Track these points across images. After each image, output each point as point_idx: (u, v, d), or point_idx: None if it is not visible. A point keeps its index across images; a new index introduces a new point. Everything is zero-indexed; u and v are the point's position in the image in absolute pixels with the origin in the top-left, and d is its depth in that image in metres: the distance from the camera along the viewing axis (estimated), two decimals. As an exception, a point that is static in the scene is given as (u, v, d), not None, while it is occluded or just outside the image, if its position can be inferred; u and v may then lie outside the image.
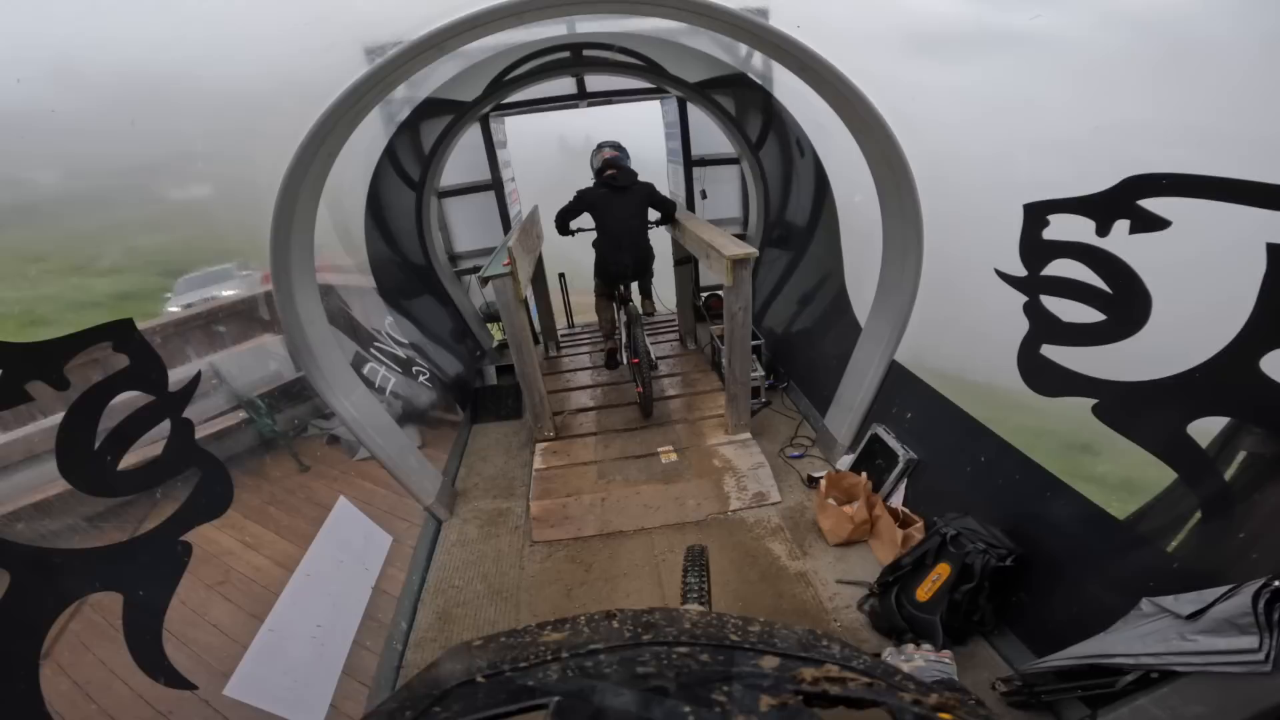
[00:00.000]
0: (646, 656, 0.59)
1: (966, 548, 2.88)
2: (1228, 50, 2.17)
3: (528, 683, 0.57)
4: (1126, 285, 2.47)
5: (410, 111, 5.34)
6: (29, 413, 2.14)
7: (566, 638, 0.64)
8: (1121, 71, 2.48)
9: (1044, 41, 2.75)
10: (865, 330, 4.43)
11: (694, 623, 0.66)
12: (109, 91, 2.64)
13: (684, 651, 0.59)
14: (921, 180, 3.63)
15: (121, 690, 2.09)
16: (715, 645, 0.61)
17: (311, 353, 3.67)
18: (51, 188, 2.67)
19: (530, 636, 0.66)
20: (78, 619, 2.04)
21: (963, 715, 0.53)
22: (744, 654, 0.59)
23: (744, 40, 3.77)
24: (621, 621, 0.67)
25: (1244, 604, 1.78)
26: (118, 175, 2.90)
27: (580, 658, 0.59)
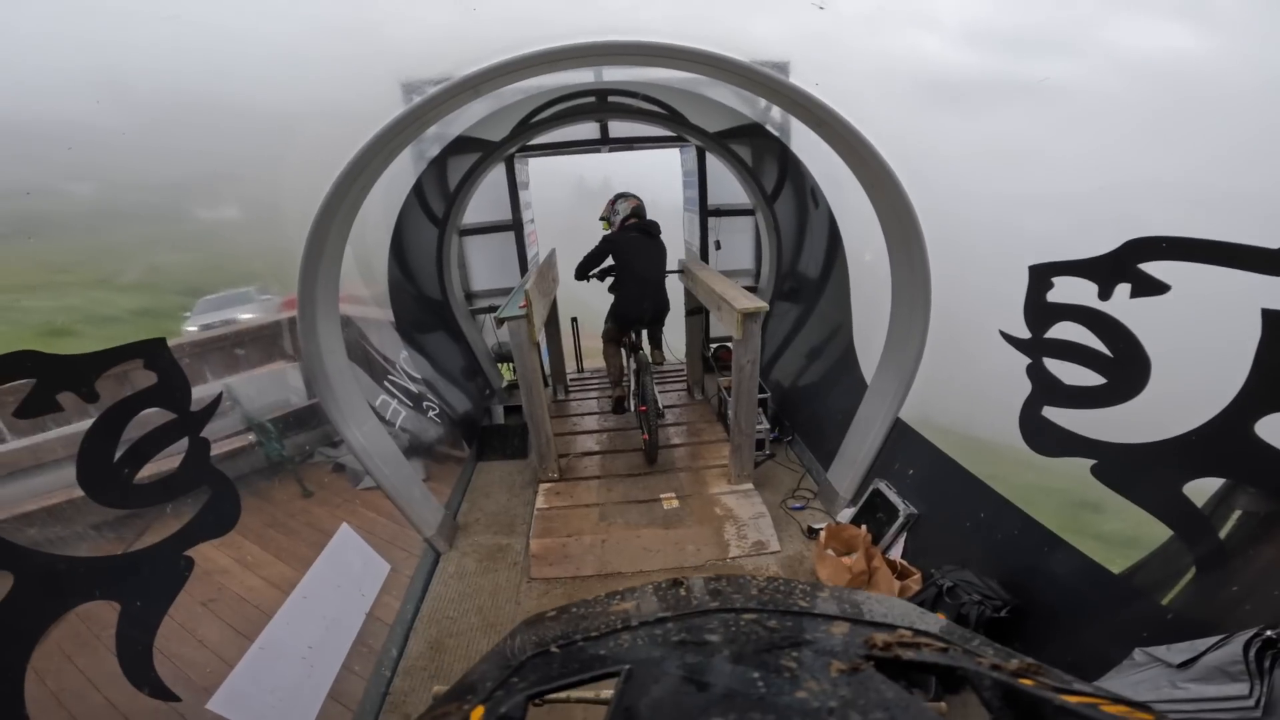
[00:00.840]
0: (714, 624, 0.59)
1: (962, 599, 2.88)
2: (1235, 105, 2.22)
3: (600, 651, 0.58)
4: (1127, 349, 2.52)
5: (440, 149, 5.52)
6: (43, 420, 2.21)
7: (635, 607, 0.65)
8: (1130, 126, 2.54)
9: (1054, 95, 2.81)
10: (871, 387, 4.46)
11: (761, 589, 0.67)
12: (152, 108, 2.71)
13: (751, 618, 0.60)
14: (931, 237, 3.70)
15: (96, 700, 2.08)
16: (783, 611, 0.61)
17: (328, 382, 3.76)
18: (86, 200, 2.71)
19: (601, 607, 0.67)
20: (61, 627, 2.04)
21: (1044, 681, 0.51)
22: (812, 620, 0.59)
23: (762, 95, 3.89)
24: (689, 589, 0.67)
25: (1235, 652, 1.79)
26: (150, 191, 2.94)
27: (649, 626, 0.60)
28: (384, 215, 5.30)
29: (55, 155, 2.45)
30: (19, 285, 2.44)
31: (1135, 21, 2.60)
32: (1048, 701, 0.47)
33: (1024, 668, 0.52)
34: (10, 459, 2.21)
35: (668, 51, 3.37)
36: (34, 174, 2.41)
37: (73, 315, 2.47)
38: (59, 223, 2.57)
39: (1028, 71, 2.96)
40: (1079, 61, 2.76)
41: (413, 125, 3.52)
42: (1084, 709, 0.45)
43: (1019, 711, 0.48)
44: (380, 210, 5.16)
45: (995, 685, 0.50)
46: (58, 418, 2.20)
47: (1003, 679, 0.50)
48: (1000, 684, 0.50)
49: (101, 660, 2.12)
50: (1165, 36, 2.46)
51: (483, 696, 0.56)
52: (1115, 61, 2.62)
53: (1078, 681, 0.51)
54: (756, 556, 4.25)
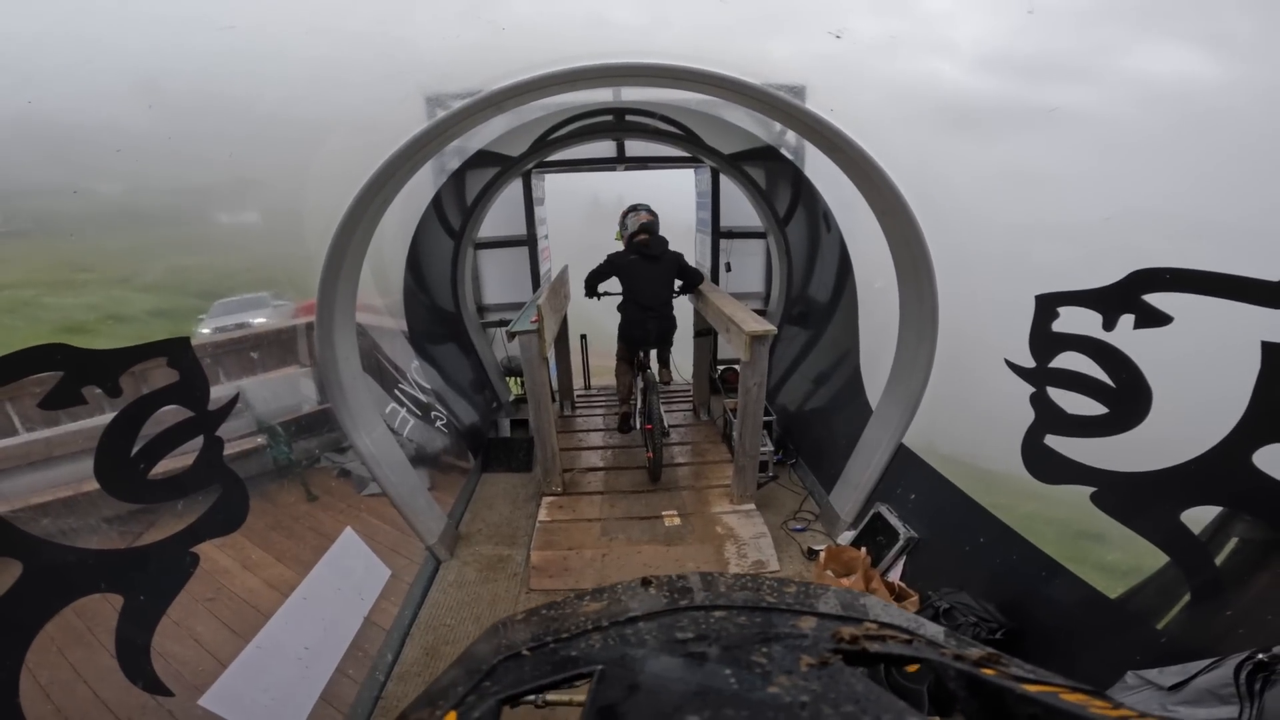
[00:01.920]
0: (685, 622, 0.60)
1: (958, 621, 2.88)
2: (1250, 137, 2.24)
3: (571, 653, 0.59)
4: (1130, 380, 2.54)
5: (460, 163, 5.61)
6: (58, 414, 2.26)
7: (606, 607, 0.66)
8: (1142, 157, 2.56)
9: (1066, 123, 2.84)
10: (876, 413, 4.48)
11: (729, 585, 0.68)
12: (182, 113, 2.77)
13: (721, 615, 0.60)
14: (940, 265, 3.73)
15: (84, 694, 2.10)
16: (752, 608, 0.62)
17: (341, 388, 3.81)
18: (110, 200, 2.77)
19: (571, 608, 0.68)
20: (55, 621, 2.06)
21: (1006, 671, 0.52)
22: (782, 615, 0.60)
23: (777, 119, 3.95)
24: (658, 588, 0.69)
25: (1226, 675, 1.80)
26: (173, 194, 3.01)
27: (620, 626, 0.61)
28: (402, 226, 5.38)
29: (88, 157, 2.52)
30: (41, 282, 2.51)
31: (1156, 50, 2.61)
32: (1010, 690, 0.49)
33: (985, 657, 0.54)
34: (27, 451, 2.28)
35: (684, 74, 3.44)
36: (68, 174, 2.48)
37: (92, 314, 2.54)
38: (84, 222, 2.62)
39: (1042, 99, 2.99)
40: (1095, 90, 2.79)
41: (437, 139, 3.59)
42: (1044, 697, 0.47)
43: (983, 701, 0.49)
44: (399, 221, 5.24)
45: (959, 675, 0.51)
46: (72, 412, 2.26)
47: (965, 669, 0.52)
48: (964, 674, 0.52)
49: (93, 655, 2.14)
50: (1184, 65, 2.48)
51: (454, 702, 0.57)
52: (1132, 91, 2.65)
53: (1039, 671, 0.53)
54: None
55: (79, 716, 2.05)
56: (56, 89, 2.39)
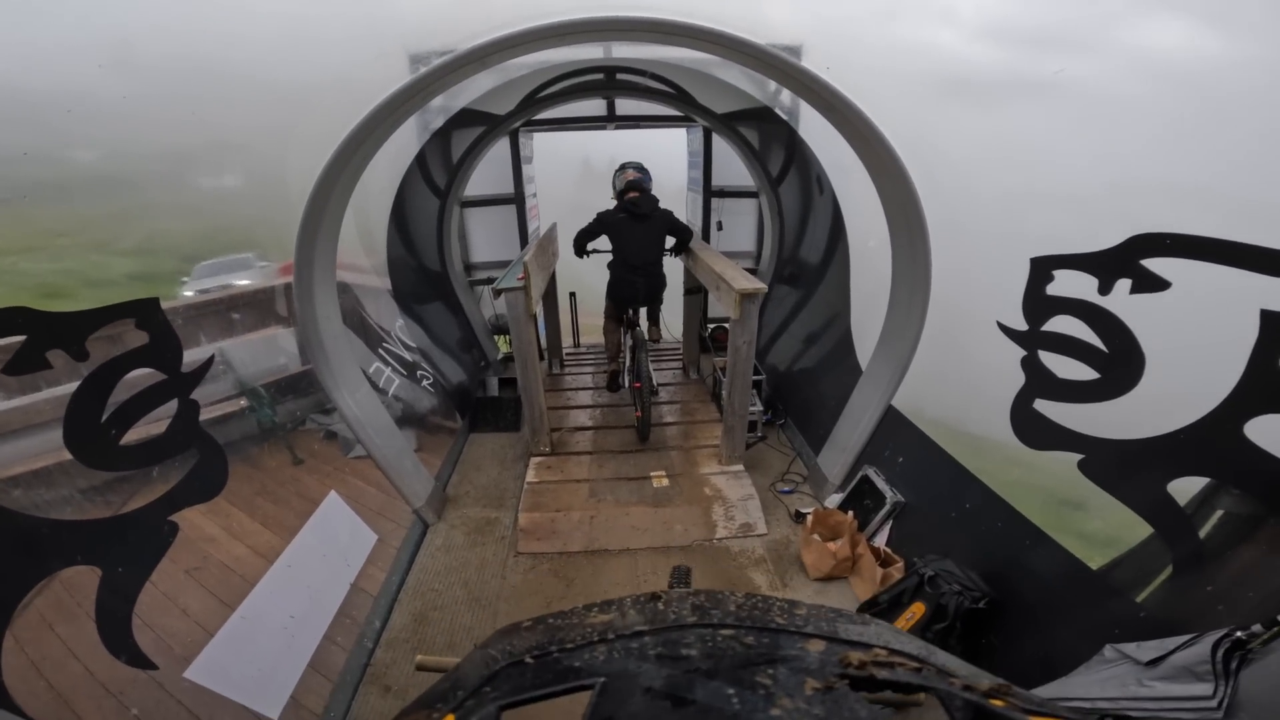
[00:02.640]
0: (691, 639, 0.59)
1: (942, 589, 2.89)
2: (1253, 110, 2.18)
3: (574, 664, 0.58)
4: (1123, 345, 2.51)
5: (445, 120, 5.46)
6: (34, 381, 2.19)
7: (613, 619, 0.65)
8: (1144, 127, 2.50)
9: (1067, 93, 2.78)
10: (866, 374, 4.45)
11: (739, 605, 0.66)
12: (157, 78, 2.68)
13: (729, 634, 0.59)
14: (934, 227, 3.67)
15: (76, 669, 2.08)
16: (760, 628, 0.60)
17: (323, 348, 3.74)
18: (87, 167, 2.69)
19: (577, 618, 0.67)
20: (44, 596, 2.04)
21: (1015, 702, 0.51)
22: (789, 637, 0.59)
23: (773, 77, 3.83)
24: (667, 603, 0.67)
25: (1203, 653, 1.80)
26: (152, 160, 2.92)
27: (626, 639, 0.60)
28: (386, 184, 5.26)
29: (59, 121, 2.43)
30: (17, 248, 2.43)
31: (1160, 22, 2.54)
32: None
33: (995, 688, 0.53)
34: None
35: (678, 29, 3.30)
36: (37, 139, 2.39)
37: (70, 279, 2.48)
38: (59, 188, 2.55)
39: (1043, 68, 2.93)
40: (1098, 60, 2.72)
41: (417, 96, 3.46)
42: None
43: None
44: (383, 180, 5.13)
45: (966, 705, 0.50)
46: (48, 379, 2.19)
47: (974, 699, 0.51)
48: (971, 704, 0.50)
49: (83, 629, 2.11)
50: (1188, 39, 2.42)
51: (453, 705, 0.57)
52: (1135, 62, 2.58)
53: (1048, 703, 0.51)
54: (743, 538, 4.28)
55: (71, 692, 2.04)
56: (21, 54, 2.32)
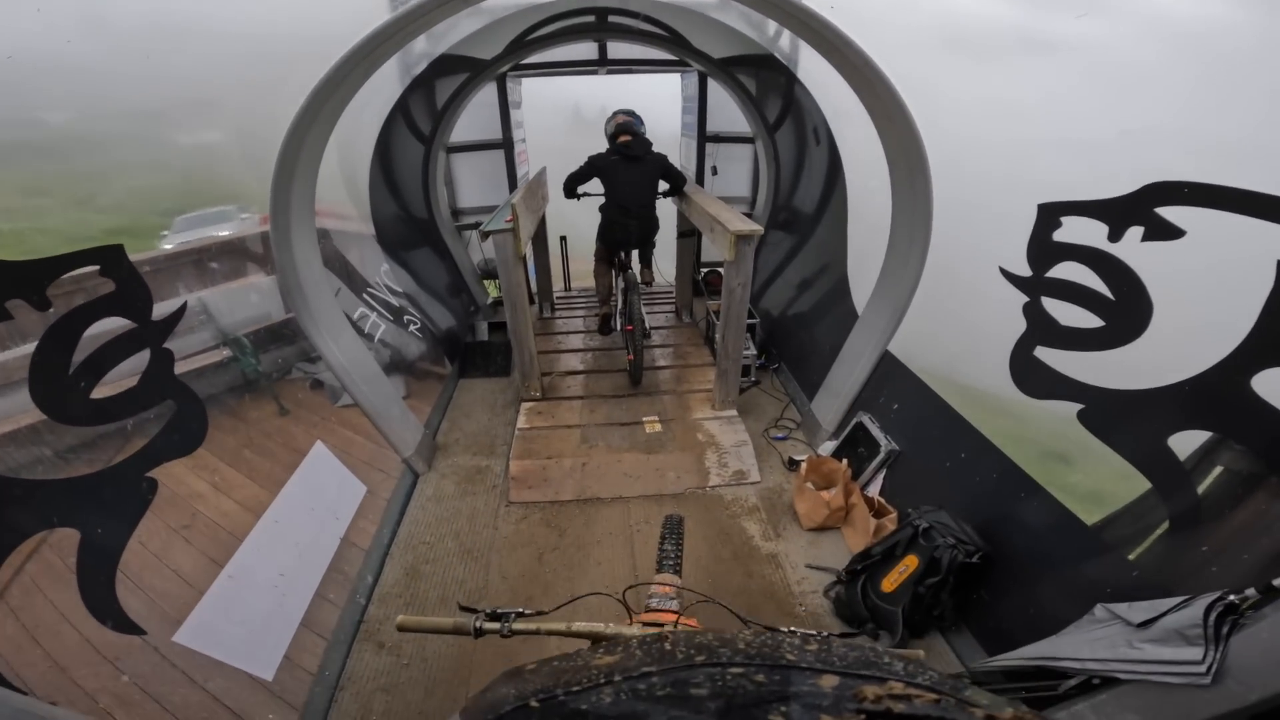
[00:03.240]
0: (700, 678, 0.58)
1: (936, 542, 2.87)
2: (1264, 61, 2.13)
3: (581, 706, 0.56)
4: (1131, 293, 2.43)
5: (427, 65, 5.24)
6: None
7: (619, 660, 0.63)
8: (1153, 78, 2.45)
9: (1080, 45, 2.73)
10: (862, 318, 4.39)
11: (748, 643, 0.65)
12: (128, 35, 2.68)
13: (738, 672, 0.58)
14: (937, 171, 3.55)
15: (70, 635, 2.05)
16: (771, 665, 0.59)
17: (303, 293, 3.63)
18: (62, 127, 2.68)
19: (582, 660, 0.66)
20: (34, 560, 2.00)
21: None
22: (801, 673, 0.58)
23: (776, 18, 3.67)
24: (674, 643, 0.66)
25: (1195, 616, 1.77)
26: (127, 117, 2.92)
27: (633, 680, 0.58)
28: (368, 130, 5.10)
29: (29, 85, 2.41)
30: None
31: None
32: None
33: (1019, 717, 0.51)
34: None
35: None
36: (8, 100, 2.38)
37: (49, 237, 2.43)
38: (35, 148, 2.56)
39: (1051, 23, 2.89)
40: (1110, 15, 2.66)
41: (396, 36, 3.27)
42: None
43: None
44: (364, 125, 4.96)
45: None
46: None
47: None
48: None
49: (74, 595, 2.07)
50: None
51: None
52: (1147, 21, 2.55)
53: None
54: (736, 486, 4.27)
55: (67, 658, 2.01)
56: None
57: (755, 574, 3.52)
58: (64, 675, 2.00)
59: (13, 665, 1.84)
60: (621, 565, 3.60)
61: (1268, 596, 1.70)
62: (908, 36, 3.45)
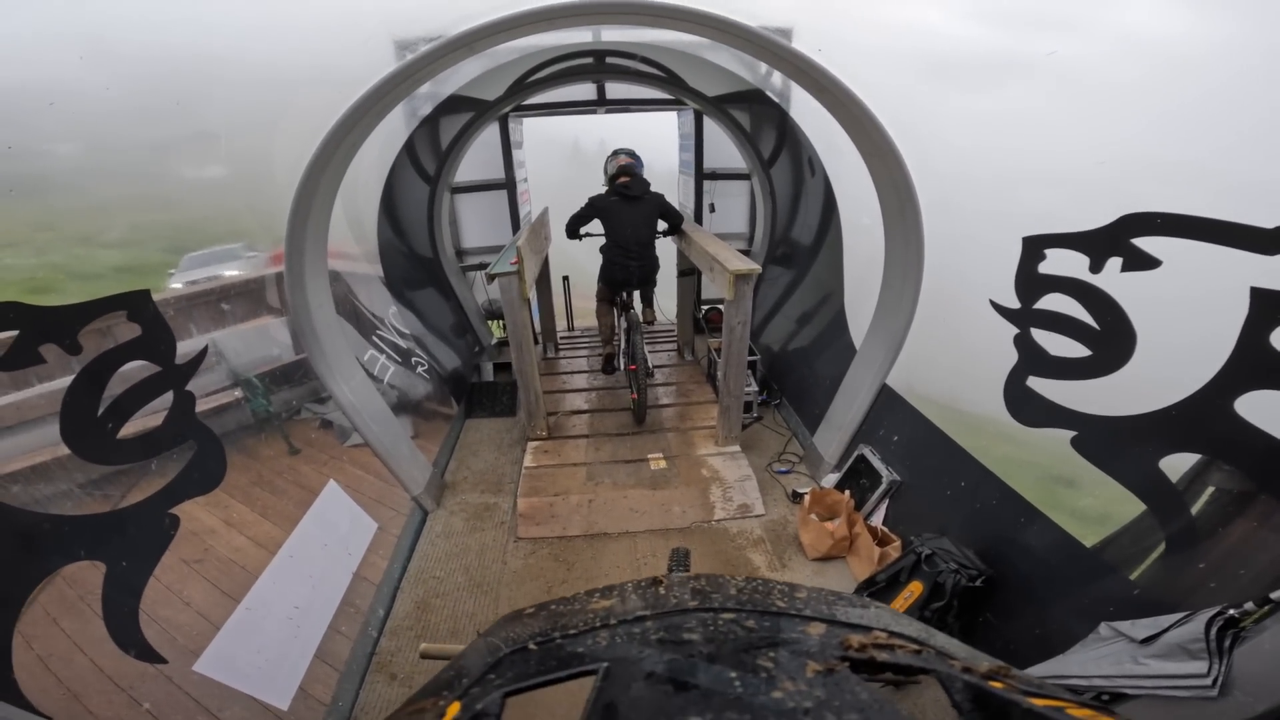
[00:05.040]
0: (693, 623, 0.60)
1: (940, 567, 2.92)
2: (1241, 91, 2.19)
3: (577, 649, 0.58)
4: (1114, 323, 2.52)
5: (433, 107, 5.41)
6: (25, 377, 2.18)
7: (614, 605, 0.66)
8: (1130, 105, 2.52)
9: (1057, 74, 2.78)
10: (860, 353, 4.47)
11: (739, 589, 0.67)
12: (136, 68, 2.67)
13: (730, 618, 0.60)
14: (927, 207, 3.67)
15: (83, 664, 2.08)
16: (761, 611, 0.61)
17: (316, 336, 3.72)
18: (69, 160, 2.67)
19: (580, 604, 0.68)
20: (48, 591, 2.04)
21: (1014, 684, 0.52)
22: (790, 620, 0.60)
23: (765, 60, 3.80)
24: (668, 588, 0.68)
25: (1197, 630, 1.82)
26: (135, 151, 2.91)
27: (628, 624, 0.60)
28: (376, 172, 5.23)
29: (35, 118, 2.40)
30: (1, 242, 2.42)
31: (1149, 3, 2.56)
32: (1016, 704, 0.49)
33: (994, 670, 0.54)
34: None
35: (667, 11, 3.27)
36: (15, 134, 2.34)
37: (55, 273, 2.45)
38: (41, 182, 2.53)
39: (1034, 48, 2.92)
40: (1087, 40, 2.72)
41: (404, 83, 3.42)
42: (1050, 712, 0.47)
43: (988, 714, 0.49)
44: (372, 167, 5.09)
45: (966, 687, 0.51)
46: (43, 373, 2.18)
47: (973, 681, 0.52)
48: (971, 686, 0.51)
49: (89, 624, 2.11)
50: (1177, 20, 2.43)
51: (459, 693, 0.57)
52: (1125, 42, 2.59)
53: (1046, 685, 0.53)
54: (741, 519, 4.31)
55: (80, 686, 2.04)
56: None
57: (762, 605, 3.53)
58: (79, 703, 2.02)
59: (26, 692, 1.86)
60: (629, 599, 3.60)
61: (1266, 610, 1.75)
62: (892, 69, 3.52)
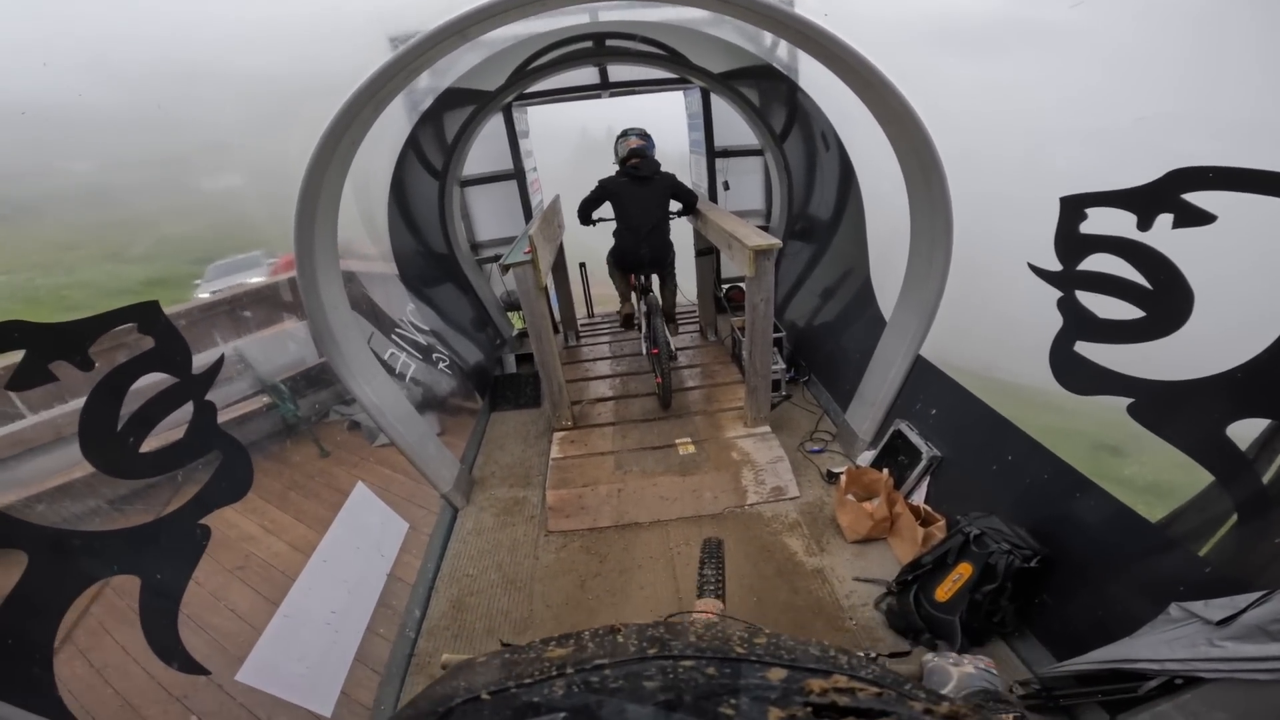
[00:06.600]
0: (652, 671, 0.59)
1: (990, 548, 2.81)
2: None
3: (533, 699, 0.57)
4: (1168, 281, 2.38)
5: (433, 100, 5.33)
6: (46, 396, 2.15)
7: (571, 653, 0.65)
8: (1161, 63, 2.38)
9: (1081, 33, 2.66)
10: (890, 324, 4.35)
11: (699, 635, 0.67)
12: (142, 84, 2.71)
13: (690, 665, 0.60)
14: (952, 171, 3.52)
15: (138, 674, 2.10)
16: (721, 658, 0.61)
17: (333, 338, 3.68)
18: (87, 177, 2.71)
19: (535, 653, 0.67)
20: (98, 602, 2.05)
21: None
22: (750, 666, 0.59)
23: (770, 29, 3.69)
24: (626, 636, 0.67)
25: (1277, 610, 1.72)
26: (151, 166, 2.95)
27: (586, 673, 0.59)
28: (382, 170, 5.19)
29: (50, 136, 2.43)
30: (30, 264, 2.48)
31: None
32: None
33: (954, 711, 0.54)
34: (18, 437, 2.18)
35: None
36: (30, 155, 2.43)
37: (86, 290, 2.49)
38: (62, 200, 2.58)
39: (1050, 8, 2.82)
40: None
41: (398, 76, 3.33)
42: None
43: None
44: (378, 165, 5.05)
45: None
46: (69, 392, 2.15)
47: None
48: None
49: (139, 635, 2.13)
50: None
51: None
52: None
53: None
54: (775, 503, 4.23)
55: (138, 696, 2.06)
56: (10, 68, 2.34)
57: (801, 589, 3.47)
58: (135, 713, 2.04)
59: (85, 705, 1.88)
60: (664, 588, 3.56)
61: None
62: (905, 36, 3.45)
